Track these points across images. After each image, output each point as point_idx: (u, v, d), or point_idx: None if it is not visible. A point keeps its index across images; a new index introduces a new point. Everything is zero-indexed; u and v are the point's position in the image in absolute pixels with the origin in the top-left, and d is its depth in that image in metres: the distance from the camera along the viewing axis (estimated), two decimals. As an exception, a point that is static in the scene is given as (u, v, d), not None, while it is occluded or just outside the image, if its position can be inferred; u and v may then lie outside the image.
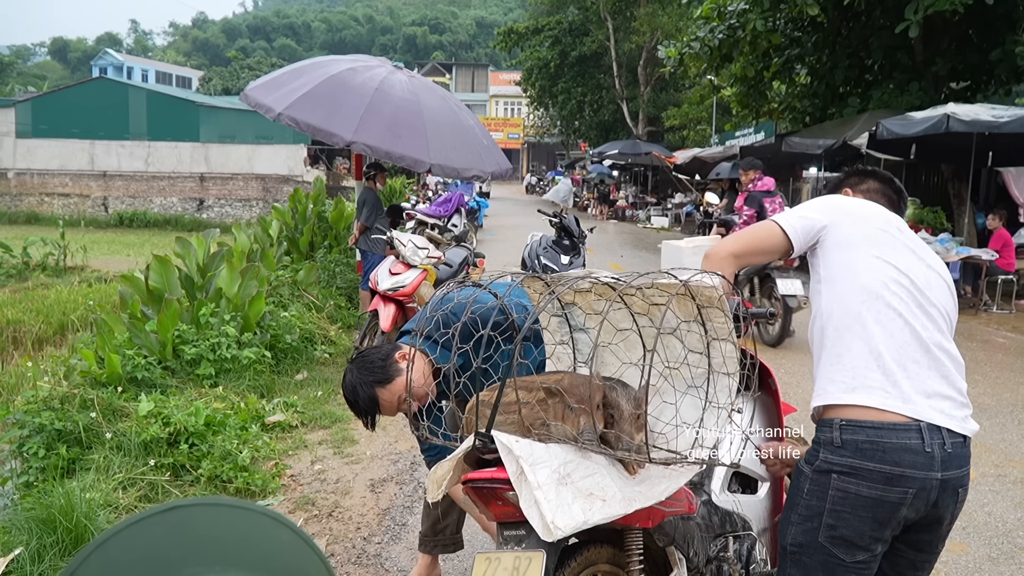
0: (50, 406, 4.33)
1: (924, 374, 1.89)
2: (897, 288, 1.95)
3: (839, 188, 2.39)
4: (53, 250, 14.74)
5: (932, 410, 1.86)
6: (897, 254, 2.00)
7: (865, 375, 1.88)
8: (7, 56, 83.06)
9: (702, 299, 2.02)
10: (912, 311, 1.94)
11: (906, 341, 1.91)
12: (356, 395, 2.51)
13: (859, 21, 14.40)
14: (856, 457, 1.84)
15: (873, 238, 2.02)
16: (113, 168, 29.18)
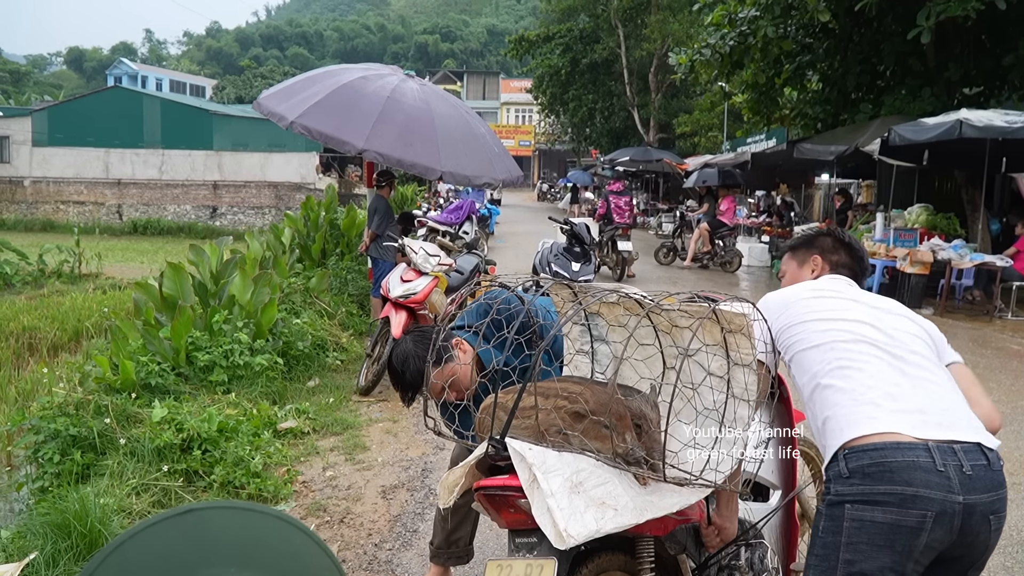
0: (65, 412, 4.37)
1: (909, 394, 1.87)
2: (848, 336, 2.00)
3: (810, 248, 2.45)
4: (68, 257, 14.86)
5: (928, 424, 1.80)
6: (840, 310, 2.09)
7: (856, 412, 1.86)
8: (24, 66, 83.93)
9: (729, 325, 2.02)
10: (874, 348, 1.97)
11: (880, 372, 1.91)
12: (406, 366, 2.50)
13: (871, 27, 14.36)
14: (865, 483, 1.77)
15: (809, 311, 2.11)
16: (127, 176, 29.43)
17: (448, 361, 2.45)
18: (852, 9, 12.78)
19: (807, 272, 2.41)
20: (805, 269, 2.43)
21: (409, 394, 2.57)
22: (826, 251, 2.41)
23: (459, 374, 2.45)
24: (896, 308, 2.15)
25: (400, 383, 2.54)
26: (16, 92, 60.32)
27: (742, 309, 2.03)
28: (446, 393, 2.38)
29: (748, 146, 17.58)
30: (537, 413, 2.00)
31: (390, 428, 5.53)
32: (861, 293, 2.21)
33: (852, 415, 1.85)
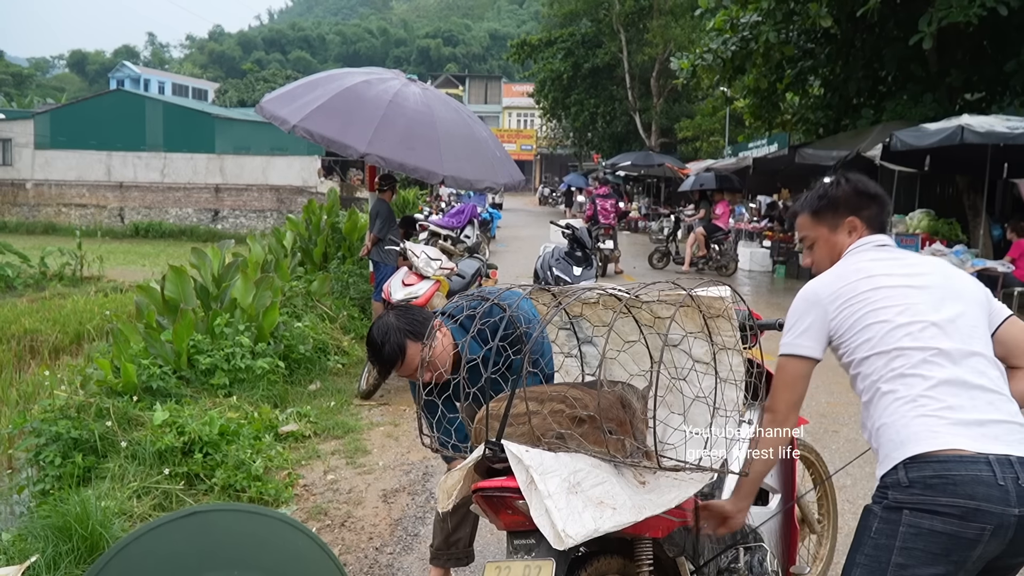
0: (66, 415, 4.37)
1: (968, 406, 1.84)
2: (912, 342, 1.93)
3: (839, 209, 2.22)
4: (70, 260, 14.89)
5: (987, 438, 1.80)
6: (902, 307, 1.98)
7: (918, 426, 1.83)
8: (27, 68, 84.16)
9: (709, 310, 2.04)
10: (937, 355, 1.90)
11: (942, 381, 1.87)
12: (387, 337, 2.49)
13: (872, 33, 14.38)
14: (927, 493, 1.77)
15: (870, 309, 2.00)
16: (129, 179, 29.48)
17: (429, 338, 2.46)
18: (854, 14, 12.80)
19: (843, 237, 2.20)
20: (840, 234, 2.21)
21: (385, 368, 2.55)
22: (858, 209, 2.21)
23: (436, 354, 2.47)
24: (950, 283, 2.04)
25: (378, 356, 2.52)
26: (19, 95, 60.46)
27: (719, 293, 2.05)
28: (420, 372, 2.40)
29: (750, 151, 17.59)
30: (530, 418, 2.01)
31: (391, 432, 5.54)
32: (909, 267, 2.08)
33: (914, 428, 1.83)
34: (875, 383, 1.94)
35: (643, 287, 2.07)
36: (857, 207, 2.21)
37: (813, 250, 2.28)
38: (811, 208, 2.27)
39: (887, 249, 2.17)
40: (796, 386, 2.09)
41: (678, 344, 2.09)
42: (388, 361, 2.50)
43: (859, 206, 2.21)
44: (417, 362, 2.46)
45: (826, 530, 3.22)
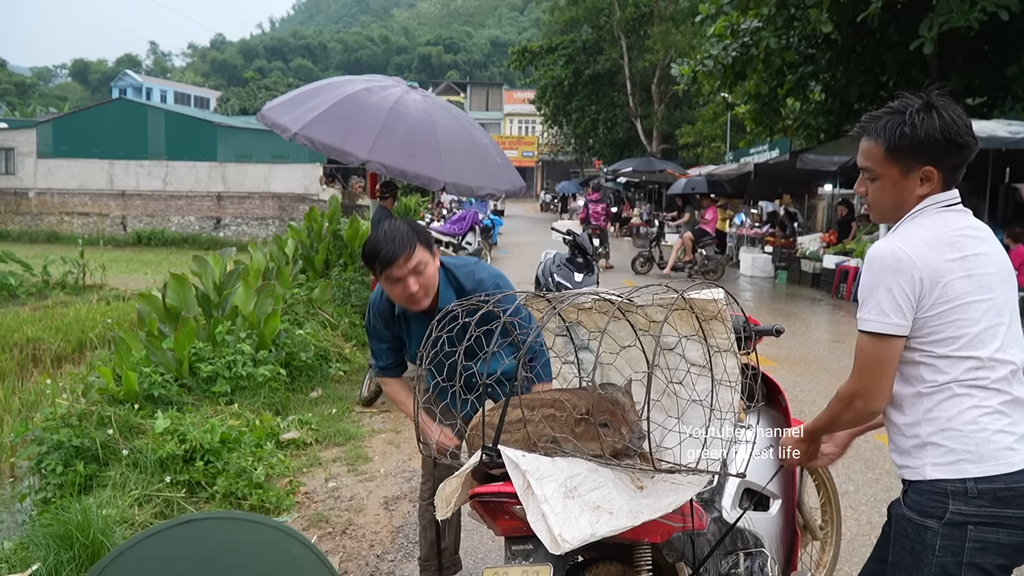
0: (68, 423, 4.38)
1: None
2: (994, 346, 1.82)
3: (919, 153, 1.88)
4: (72, 268, 14.90)
5: None
6: (987, 302, 1.83)
7: (992, 442, 1.78)
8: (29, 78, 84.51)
9: (703, 313, 2.04)
10: (1010, 367, 1.83)
11: (1010, 394, 1.82)
12: (401, 232, 2.56)
13: (873, 38, 14.40)
14: (995, 505, 1.74)
15: (962, 302, 1.82)
16: (132, 187, 29.55)
17: (433, 258, 2.60)
18: (854, 20, 12.82)
19: (914, 184, 1.90)
20: (911, 181, 1.90)
21: (388, 260, 2.54)
22: (942, 158, 1.88)
23: (429, 271, 2.59)
24: (1006, 266, 1.91)
25: (387, 246, 2.53)
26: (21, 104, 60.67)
27: (712, 295, 2.04)
28: (412, 284, 2.52)
29: (751, 157, 17.60)
30: (525, 424, 2.01)
31: (392, 439, 5.53)
32: (984, 243, 1.89)
33: (994, 444, 1.77)
34: (949, 383, 1.81)
35: (636, 291, 2.07)
36: (942, 156, 1.88)
37: (875, 186, 2.00)
38: (888, 142, 1.91)
39: (962, 212, 1.92)
40: (891, 370, 1.86)
41: (673, 347, 2.09)
42: (391, 254, 2.52)
43: (944, 155, 1.88)
44: (415, 266, 2.54)
45: (829, 536, 3.21)
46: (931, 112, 1.85)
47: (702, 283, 2.05)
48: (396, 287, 2.60)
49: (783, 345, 8.20)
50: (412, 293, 2.58)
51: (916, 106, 1.87)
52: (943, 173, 1.89)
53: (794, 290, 14.30)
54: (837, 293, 12.92)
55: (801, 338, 9.29)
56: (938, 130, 1.83)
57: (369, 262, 2.63)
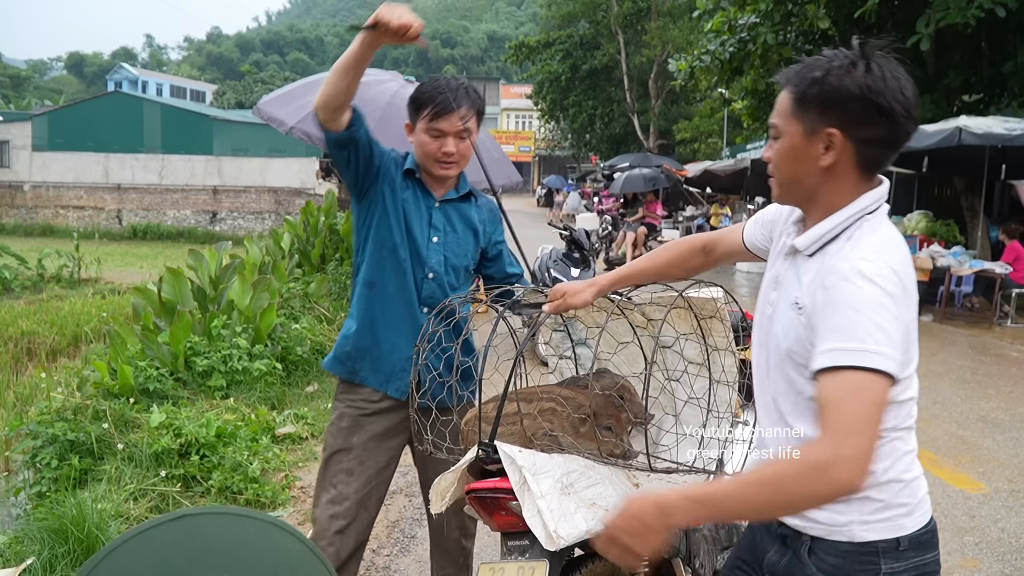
0: (63, 417, 4.36)
1: None
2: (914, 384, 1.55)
3: (827, 110, 1.43)
4: (68, 262, 14.88)
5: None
6: (915, 340, 1.52)
7: (921, 489, 1.56)
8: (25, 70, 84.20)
9: (701, 311, 2.04)
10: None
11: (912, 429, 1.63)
12: (464, 86, 2.41)
13: (870, 34, 14.37)
14: (920, 553, 1.51)
15: (908, 341, 1.47)
16: (127, 181, 29.47)
17: (480, 119, 2.44)
18: (852, 16, 12.83)
19: (816, 151, 1.44)
20: (813, 146, 1.44)
21: (440, 108, 2.35)
22: (854, 123, 1.41)
23: (470, 142, 2.41)
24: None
25: (441, 93, 2.36)
26: (16, 97, 60.47)
27: (711, 294, 2.04)
28: (452, 145, 2.33)
29: (748, 153, 17.64)
30: (521, 419, 2.01)
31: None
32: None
33: (920, 492, 1.54)
34: (889, 429, 1.45)
35: (634, 288, 2.06)
36: (857, 120, 1.41)
37: (776, 147, 1.52)
38: (796, 90, 1.46)
39: (894, 237, 1.49)
40: (879, 418, 1.32)
41: (670, 345, 2.09)
42: (460, 99, 2.36)
43: (860, 119, 1.41)
44: (466, 127, 2.36)
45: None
46: (858, 66, 1.41)
47: (701, 282, 2.05)
48: (435, 142, 2.35)
49: (779, 341, 8.19)
50: (449, 153, 2.35)
51: (842, 58, 1.43)
52: (854, 145, 1.42)
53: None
54: (833, 289, 12.92)
55: (797, 334, 9.30)
56: (858, 85, 1.39)
57: (420, 103, 2.37)
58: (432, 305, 2.36)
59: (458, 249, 2.47)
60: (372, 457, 2.51)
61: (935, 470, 4.82)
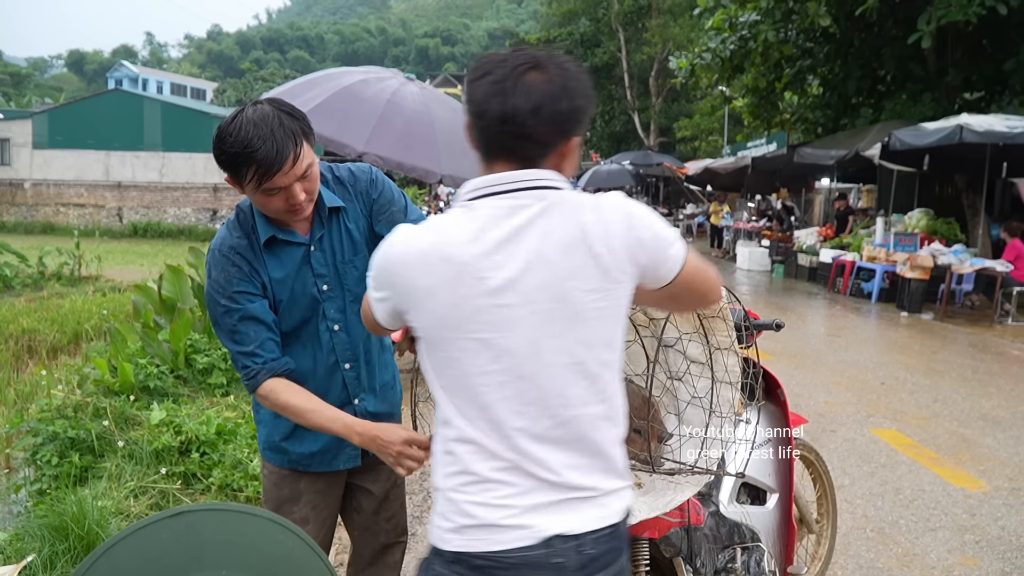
0: (63, 414, 4.36)
1: None
2: None
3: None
4: (68, 260, 14.86)
5: None
6: None
7: None
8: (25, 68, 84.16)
9: (704, 310, 2.03)
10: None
11: None
12: (276, 123, 1.83)
13: (871, 32, 14.38)
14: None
15: None
16: (128, 179, 29.46)
17: (309, 138, 1.90)
18: (853, 14, 12.81)
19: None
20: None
21: (265, 168, 1.81)
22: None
23: (315, 171, 1.91)
24: None
25: (256, 149, 1.80)
26: (17, 95, 60.43)
27: None
28: (299, 192, 1.86)
29: (749, 150, 17.62)
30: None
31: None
32: None
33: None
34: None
35: None
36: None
37: None
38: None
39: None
40: None
41: (673, 345, 2.08)
42: (282, 148, 1.80)
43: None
44: (305, 168, 1.85)
45: (825, 530, 3.21)
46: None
47: None
48: (275, 199, 1.87)
49: (779, 339, 8.20)
50: (299, 201, 1.88)
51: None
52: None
53: (791, 284, 14.32)
54: (834, 287, 12.93)
55: (797, 332, 9.30)
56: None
57: (235, 168, 1.85)
58: (355, 358, 2.09)
59: (356, 275, 2.06)
60: (325, 500, 2.20)
61: (936, 468, 4.82)
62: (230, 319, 1.92)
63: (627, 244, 1.36)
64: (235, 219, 2.03)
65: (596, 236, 1.35)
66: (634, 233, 1.37)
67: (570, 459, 1.37)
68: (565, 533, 1.35)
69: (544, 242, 1.34)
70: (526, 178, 1.37)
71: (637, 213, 1.40)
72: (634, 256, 1.37)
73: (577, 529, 1.36)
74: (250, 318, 1.92)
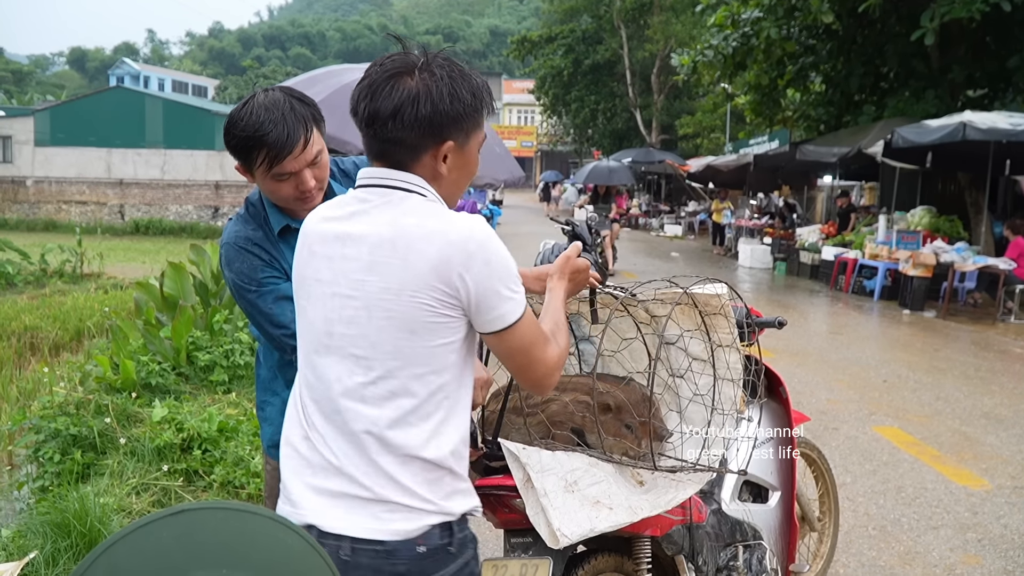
0: (66, 411, 4.37)
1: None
2: None
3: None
4: (70, 257, 14.88)
5: None
6: None
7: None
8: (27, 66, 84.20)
9: (706, 308, 2.02)
10: None
11: None
12: (287, 108, 1.84)
13: (874, 28, 14.35)
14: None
15: None
16: (129, 176, 29.48)
17: (320, 125, 1.90)
18: (856, 11, 12.78)
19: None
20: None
21: (276, 151, 1.82)
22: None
23: (325, 159, 1.92)
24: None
25: (267, 133, 1.80)
26: (19, 92, 60.49)
27: (716, 290, 2.02)
28: (309, 178, 1.87)
29: (751, 148, 17.61)
30: (546, 407, 2.00)
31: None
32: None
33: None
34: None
35: (639, 285, 2.05)
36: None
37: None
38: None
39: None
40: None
41: (675, 342, 2.08)
42: (292, 132, 1.82)
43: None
44: (315, 154, 1.87)
45: (827, 528, 3.21)
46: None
47: (705, 278, 2.04)
48: (285, 184, 1.88)
49: (781, 336, 8.19)
50: (309, 188, 1.89)
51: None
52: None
53: (793, 281, 14.30)
54: (836, 285, 12.92)
55: (799, 329, 9.29)
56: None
57: (245, 151, 1.85)
58: None
59: None
60: None
61: (938, 466, 4.82)
62: (264, 302, 1.92)
63: (436, 264, 1.36)
64: (245, 212, 2.04)
65: (406, 241, 1.37)
66: (458, 261, 1.37)
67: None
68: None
69: (364, 234, 1.40)
70: (381, 175, 1.44)
71: (478, 251, 1.39)
72: (447, 279, 1.37)
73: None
74: (284, 297, 1.88)
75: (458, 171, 1.49)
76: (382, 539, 1.37)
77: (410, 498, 1.39)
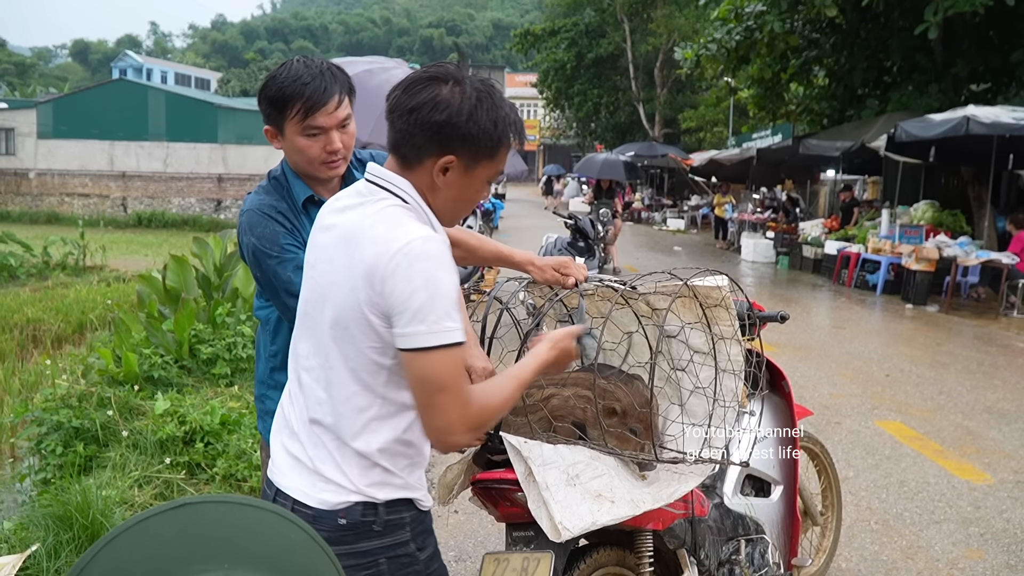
0: (68, 404, 4.37)
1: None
2: None
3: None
4: (73, 250, 14.89)
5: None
6: None
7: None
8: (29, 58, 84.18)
9: (706, 300, 2.02)
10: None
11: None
12: (326, 68, 1.94)
13: (878, 22, 14.30)
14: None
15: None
16: (132, 169, 29.50)
17: (353, 92, 1.99)
18: (859, 4, 12.73)
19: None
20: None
21: (311, 103, 1.89)
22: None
23: (352, 129, 1.99)
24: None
25: (306, 85, 1.89)
26: (21, 84, 60.47)
27: (716, 282, 2.02)
28: (336, 139, 1.93)
29: (754, 142, 17.55)
30: (548, 400, 2.00)
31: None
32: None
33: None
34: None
35: (639, 277, 2.05)
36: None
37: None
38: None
39: None
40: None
41: (676, 335, 2.07)
42: (329, 87, 1.91)
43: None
44: (344, 116, 1.95)
45: (829, 522, 3.21)
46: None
47: (706, 270, 2.03)
48: (316, 142, 1.93)
49: (784, 330, 8.19)
50: (336, 150, 1.95)
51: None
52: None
53: (795, 276, 14.29)
54: (838, 279, 12.90)
55: (802, 324, 9.28)
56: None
57: (282, 101, 1.90)
58: None
59: None
60: None
61: (940, 460, 4.81)
62: (284, 269, 1.92)
63: (368, 268, 1.40)
64: (268, 184, 2.09)
65: (356, 240, 1.43)
66: (383, 268, 1.38)
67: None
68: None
69: (338, 226, 1.49)
70: (379, 175, 1.51)
71: (404, 264, 1.37)
72: (371, 283, 1.40)
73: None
74: (302, 267, 1.83)
75: (455, 191, 1.51)
76: (311, 505, 1.49)
77: (340, 476, 1.48)
